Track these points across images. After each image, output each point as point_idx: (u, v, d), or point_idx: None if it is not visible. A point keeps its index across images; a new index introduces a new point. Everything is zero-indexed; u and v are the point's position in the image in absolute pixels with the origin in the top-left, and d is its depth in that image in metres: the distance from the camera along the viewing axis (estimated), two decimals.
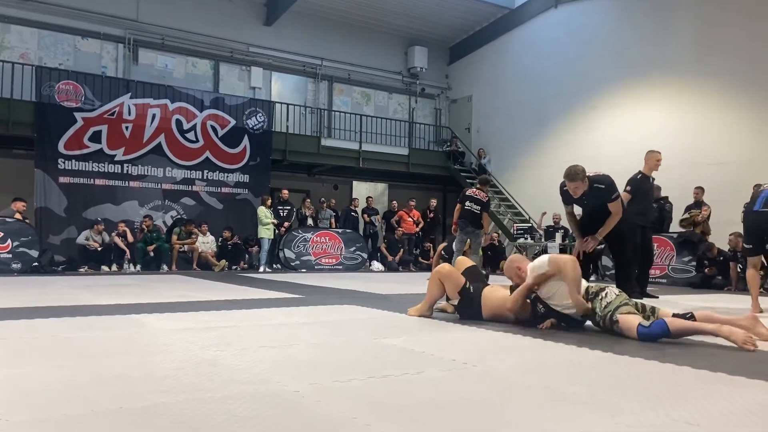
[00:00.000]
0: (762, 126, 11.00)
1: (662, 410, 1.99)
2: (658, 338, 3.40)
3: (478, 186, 9.13)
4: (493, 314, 4.11)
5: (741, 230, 6.71)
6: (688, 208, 10.48)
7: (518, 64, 16.06)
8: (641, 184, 6.62)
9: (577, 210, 5.64)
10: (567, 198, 5.33)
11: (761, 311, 5.25)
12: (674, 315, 3.63)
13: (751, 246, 5.53)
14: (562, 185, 5.30)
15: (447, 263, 4.63)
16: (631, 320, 3.52)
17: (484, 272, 8.34)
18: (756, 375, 2.56)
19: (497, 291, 4.20)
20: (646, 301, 4.25)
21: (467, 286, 4.17)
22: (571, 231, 5.92)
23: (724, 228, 9.60)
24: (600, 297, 3.72)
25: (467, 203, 8.60)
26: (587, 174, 5.12)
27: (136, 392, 2.11)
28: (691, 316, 3.54)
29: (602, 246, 11.30)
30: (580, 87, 14.20)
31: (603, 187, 5.15)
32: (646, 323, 3.47)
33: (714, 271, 9.48)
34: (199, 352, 2.91)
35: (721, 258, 9.44)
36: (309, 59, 16.24)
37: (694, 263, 10.02)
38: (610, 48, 13.69)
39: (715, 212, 10.20)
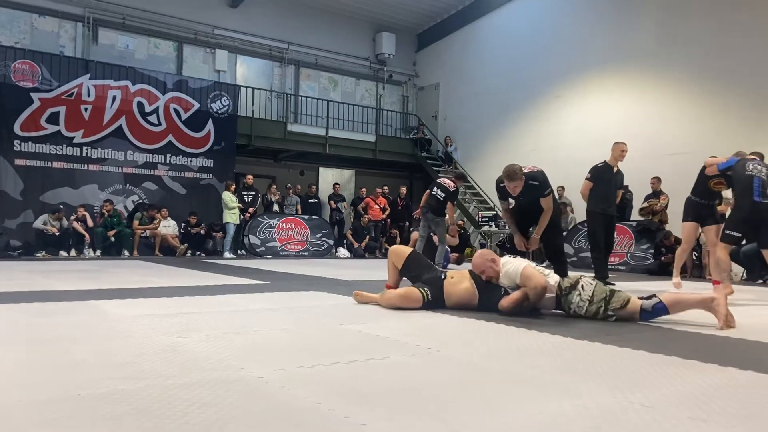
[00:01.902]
0: (718, 117, 11.31)
1: (619, 393, 2.04)
2: (657, 316, 3.73)
3: (452, 177, 9.18)
4: (456, 305, 4.12)
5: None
6: (647, 198, 10.76)
7: (485, 52, 16.14)
8: (602, 173, 6.72)
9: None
10: (504, 194, 5.47)
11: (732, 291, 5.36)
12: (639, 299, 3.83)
13: (739, 235, 5.37)
14: (499, 182, 5.40)
15: (392, 289, 4.34)
16: (632, 307, 3.75)
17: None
18: (709, 359, 2.65)
19: (459, 283, 4.15)
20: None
21: (426, 299, 4.05)
22: (508, 227, 6.01)
23: (681, 217, 9.85)
24: (577, 291, 3.85)
25: (434, 189, 8.65)
26: (523, 171, 5.24)
27: (94, 379, 2.07)
28: (658, 302, 3.73)
29: (564, 234, 11.54)
30: (545, 76, 14.36)
31: (537, 183, 5.28)
32: (648, 306, 3.71)
33: (670, 259, 9.73)
34: (161, 338, 2.87)
35: (678, 246, 9.70)
36: (275, 43, 16.01)
37: (651, 251, 10.30)
38: (575, 38, 13.86)
39: (673, 201, 10.47)
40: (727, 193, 6.38)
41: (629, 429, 1.66)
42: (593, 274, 6.28)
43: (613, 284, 5.59)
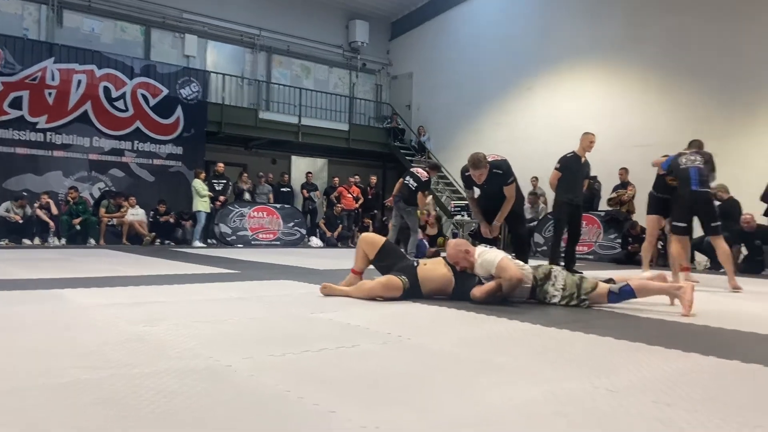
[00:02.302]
0: (684, 110, 11.54)
1: (586, 378, 2.07)
2: (624, 299, 3.88)
3: (425, 167, 9.20)
4: (432, 292, 4.09)
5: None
6: (615, 188, 10.94)
7: (458, 42, 16.16)
8: (570, 163, 6.77)
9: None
10: (469, 183, 5.53)
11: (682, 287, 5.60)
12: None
13: (685, 225, 5.74)
14: (464, 171, 5.46)
15: (367, 280, 4.18)
16: (600, 291, 3.89)
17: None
18: (673, 345, 2.71)
19: (435, 270, 4.11)
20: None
21: (406, 288, 3.96)
22: (473, 215, 6.13)
23: (647, 207, 10.04)
24: (551, 281, 4.00)
25: (407, 178, 8.67)
26: (487, 159, 5.30)
27: (58, 368, 2.02)
28: (625, 284, 3.91)
29: (534, 223, 11.68)
30: (517, 68, 14.45)
31: (501, 172, 5.34)
32: (616, 288, 3.87)
33: (637, 248, 9.93)
34: (127, 327, 2.81)
35: (644, 236, 9.90)
36: (246, 28, 15.78)
37: (619, 240, 10.49)
38: (545, 31, 13.97)
39: (640, 192, 10.66)
40: None
41: (595, 414, 1.68)
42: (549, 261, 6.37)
43: (582, 273, 5.68)
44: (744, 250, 8.82)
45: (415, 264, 4.20)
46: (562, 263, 6.58)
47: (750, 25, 10.78)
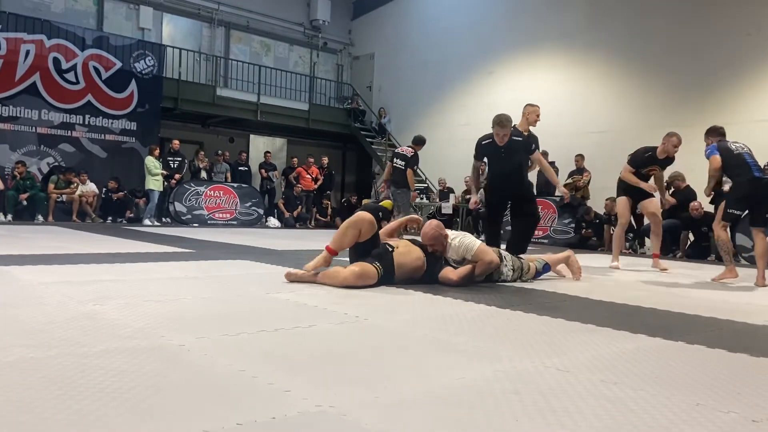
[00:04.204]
0: (639, 97, 11.81)
1: (537, 358, 2.12)
2: (545, 273, 4.70)
3: (410, 144, 9.12)
4: (406, 275, 3.94)
5: (615, 195, 7.19)
6: (571, 174, 11.16)
7: (421, 24, 16.10)
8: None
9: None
10: (482, 153, 5.52)
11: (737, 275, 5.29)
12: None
13: (740, 213, 5.29)
14: (483, 139, 5.42)
15: (338, 267, 3.84)
16: (532, 269, 4.57)
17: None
18: (621, 326, 2.80)
19: (409, 253, 3.96)
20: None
21: (380, 274, 3.76)
22: (470, 186, 5.93)
23: (601, 193, 10.31)
24: (504, 262, 4.37)
25: (394, 160, 8.59)
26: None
27: (3, 346, 1.95)
28: (545, 263, 4.74)
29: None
30: (479, 52, 14.50)
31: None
32: (540, 267, 4.63)
33: (590, 233, 10.20)
34: (76, 306, 2.73)
35: (597, 221, 10.17)
36: (204, 2, 15.37)
37: (573, 225, 10.73)
38: (507, 16, 14.05)
39: (595, 178, 10.93)
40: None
41: (544, 391, 1.72)
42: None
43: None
44: (691, 237, 9.14)
45: (389, 249, 3.94)
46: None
47: (708, 22, 11.02)
